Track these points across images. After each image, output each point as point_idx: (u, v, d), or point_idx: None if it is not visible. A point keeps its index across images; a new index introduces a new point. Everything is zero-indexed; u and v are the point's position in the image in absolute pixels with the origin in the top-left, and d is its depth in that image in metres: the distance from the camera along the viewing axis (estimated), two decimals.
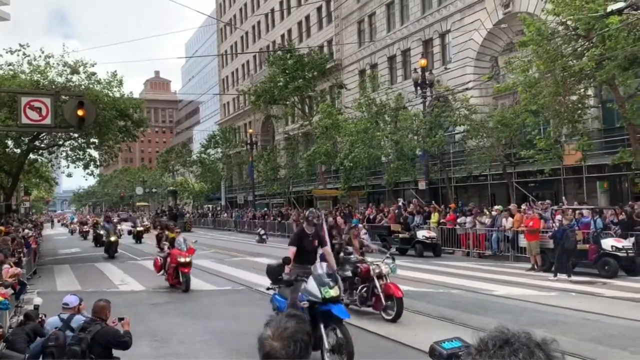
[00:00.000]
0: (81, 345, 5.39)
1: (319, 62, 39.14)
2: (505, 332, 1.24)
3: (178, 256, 13.35)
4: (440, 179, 28.30)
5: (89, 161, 27.38)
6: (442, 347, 1.86)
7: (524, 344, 1.19)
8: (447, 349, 1.84)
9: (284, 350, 1.76)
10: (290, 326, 1.80)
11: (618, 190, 22.88)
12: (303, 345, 1.79)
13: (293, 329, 1.79)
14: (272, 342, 1.78)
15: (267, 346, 1.78)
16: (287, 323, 1.81)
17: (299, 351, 1.77)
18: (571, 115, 18.21)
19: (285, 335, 1.78)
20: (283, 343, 1.76)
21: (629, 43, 15.03)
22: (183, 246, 13.67)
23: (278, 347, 1.76)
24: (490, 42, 29.67)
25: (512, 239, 18.13)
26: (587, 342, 7.60)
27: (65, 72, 23.99)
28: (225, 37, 71.00)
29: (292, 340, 1.77)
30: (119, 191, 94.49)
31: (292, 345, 1.76)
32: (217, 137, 55.42)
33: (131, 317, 6.36)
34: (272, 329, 1.80)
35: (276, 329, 1.80)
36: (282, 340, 1.77)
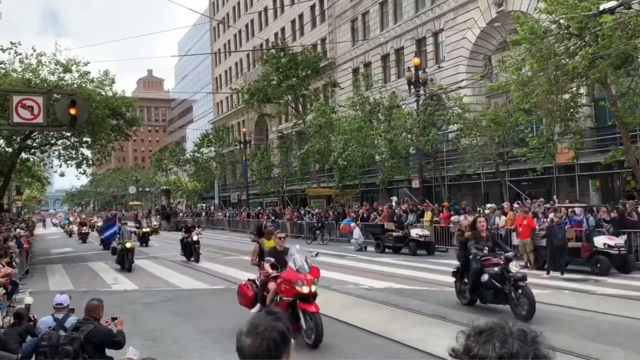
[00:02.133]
0: (74, 345, 5.35)
1: (313, 60, 39.10)
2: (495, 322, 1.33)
3: (296, 282, 7.75)
4: (433, 177, 28.37)
5: (81, 160, 27.21)
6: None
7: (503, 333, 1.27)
8: None
9: (253, 346, 1.78)
10: (262, 324, 1.82)
11: (610, 189, 23.02)
12: (272, 344, 1.78)
13: (264, 327, 1.80)
14: (244, 338, 1.80)
15: (240, 341, 1.81)
16: (260, 320, 1.84)
17: (267, 349, 1.78)
18: (564, 113, 18.29)
19: (256, 332, 1.80)
20: (253, 339, 1.79)
21: (622, 42, 15.11)
22: (304, 265, 8.03)
23: (248, 343, 1.79)
24: (484, 41, 29.75)
25: (505, 237, 18.17)
26: (580, 339, 7.64)
27: (57, 70, 23.84)
28: (218, 36, 70.80)
29: (261, 337, 1.78)
30: (111, 190, 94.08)
31: (260, 342, 1.78)
32: (210, 136, 55.28)
33: (124, 317, 6.33)
34: (247, 326, 1.83)
35: (250, 326, 1.83)
36: (252, 337, 1.79)
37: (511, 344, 1.24)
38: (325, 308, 10.26)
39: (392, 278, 14.04)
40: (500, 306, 9.59)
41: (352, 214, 27.37)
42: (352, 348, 7.81)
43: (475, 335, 1.29)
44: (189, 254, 19.96)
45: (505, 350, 1.24)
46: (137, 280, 15.60)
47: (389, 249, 21.21)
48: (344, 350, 7.72)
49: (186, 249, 20.19)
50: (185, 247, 20.28)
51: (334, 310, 10.12)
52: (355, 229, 23.77)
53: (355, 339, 8.31)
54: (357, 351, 7.66)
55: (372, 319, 9.37)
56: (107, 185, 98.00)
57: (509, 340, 1.25)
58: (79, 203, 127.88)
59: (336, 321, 9.41)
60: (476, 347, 1.27)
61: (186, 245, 20.18)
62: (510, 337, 1.26)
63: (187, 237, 20.22)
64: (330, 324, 9.29)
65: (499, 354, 1.23)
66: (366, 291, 12.28)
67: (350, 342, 8.15)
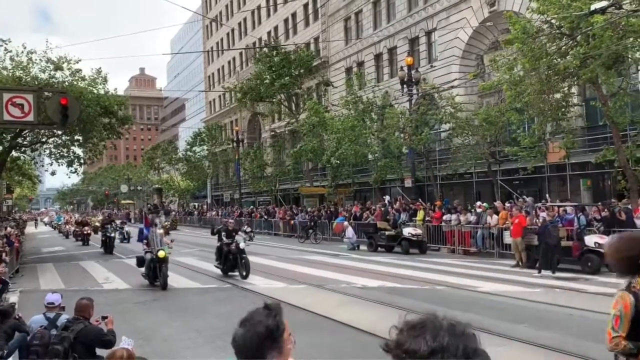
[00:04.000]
0: (64, 344, 5.31)
1: (306, 59, 39.07)
2: (426, 315, 1.36)
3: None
4: (426, 176, 28.43)
5: (72, 159, 27.03)
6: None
7: (434, 326, 1.30)
8: None
9: (240, 336, 1.86)
10: (255, 316, 1.90)
11: (601, 188, 23.16)
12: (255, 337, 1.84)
13: (255, 319, 1.89)
14: (238, 327, 1.89)
15: (235, 332, 1.90)
16: (254, 313, 1.92)
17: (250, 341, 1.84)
18: (555, 113, 18.38)
19: (250, 323, 1.87)
20: (243, 329, 1.87)
21: (613, 42, 15.20)
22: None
23: (239, 332, 1.87)
24: (476, 41, 29.84)
25: (497, 236, 18.26)
26: (570, 337, 7.68)
27: (48, 68, 23.67)
28: (211, 34, 70.56)
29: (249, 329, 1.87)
30: (103, 189, 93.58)
31: (246, 332, 1.86)
32: (203, 135, 55.11)
33: (115, 316, 6.29)
34: (244, 317, 1.91)
35: (245, 318, 1.91)
36: (243, 327, 1.88)
37: (442, 337, 1.26)
38: (318, 306, 10.28)
39: (384, 277, 14.06)
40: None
41: (344, 213, 27.39)
42: (344, 346, 7.81)
43: (408, 329, 1.31)
44: (230, 266, 14.82)
45: (437, 343, 1.26)
46: (129, 279, 15.51)
47: (382, 248, 21.24)
48: (336, 349, 7.72)
49: (227, 260, 14.82)
50: (225, 257, 14.88)
51: (327, 308, 10.12)
52: (348, 228, 23.78)
53: (348, 337, 8.31)
54: (349, 349, 7.66)
55: (365, 317, 9.38)
56: (99, 183, 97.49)
57: (440, 334, 1.27)
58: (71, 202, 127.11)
59: (328, 320, 9.41)
60: (408, 341, 1.28)
61: (227, 255, 14.79)
62: (441, 330, 1.28)
63: (228, 243, 14.83)
64: (323, 322, 9.30)
65: (430, 348, 1.25)
66: (359, 290, 12.28)
67: (342, 340, 8.15)
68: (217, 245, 15.56)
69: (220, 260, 15.16)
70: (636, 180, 16.99)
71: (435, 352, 1.25)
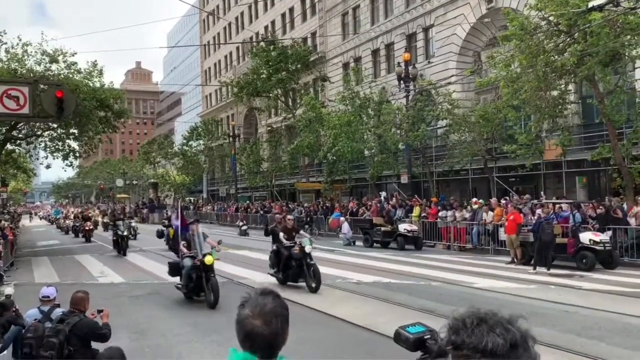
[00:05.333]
0: (59, 337, 5.30)
1: (303, 54, 38.99)
2: (478, 310, 1.27)
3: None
4: (422, 172, 28.45)
5: (68, 152, 26.91)
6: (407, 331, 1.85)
7: (498, 321, 1.22)
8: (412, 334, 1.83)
9: (266, 326, 1.76)
10: (268, 302, 1.80)
11: (597, 185, 23.24)
12: (284, 319, 1.81)
13: (272, 304, 1.80)
14: (252, 321, 1.76)
15: (248, 325, 1.76)
16: (264, 300, 1.81)
17: (281, 325, 1.79)
18: (552, 110, 18.39)
19: (266, 312, 1.78)
20: (264, 319, 1.76)
21: (610, 39, 15.21)
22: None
23: (259, 324, 1.76)
24: (473, 37, 29.84)
25: (493, 233, 18.31)
26: (565, 334, 7.71)
27: (44, 60, 23.53)
28: (208, 28, 70.33)
29: (273, 315, 1.78)
30: (99, 183, 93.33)
31: (274, 319, 1.77)
32: (199, 129, 54.97)
33: (111, 310, 6.27)
34: (250, 308, 1.79)
35: (254, 307, 1.79)
36: (262, 317, 1.76)
37: (512, 331, 1.20)
38: (313, 301, 10.29)
39: (380, 272, 14.07)
40: None
41: (340, 208, 27.39)
42: (339, 341, 7.82)
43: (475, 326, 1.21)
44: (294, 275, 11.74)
45: (511, 336, 1.19)
46: (124, 273, 15.50)
47: (377, 244, 21.27)
48: (331, 344, 7.74)
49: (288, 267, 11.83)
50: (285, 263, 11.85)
51: (322, 303, 10.14)
52: (344, 224, 23.80)
53: (342, 332, 8.32)
54: (343, 344, 7.68)
55: (360, 312, 9.39)
56: (95, 177, 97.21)
57: (509, 328, 1.20)
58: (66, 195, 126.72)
59: (324, 314, 9.42)
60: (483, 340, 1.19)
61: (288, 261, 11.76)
62: (505, 324, 1.21)
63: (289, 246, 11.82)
64: (318, 317, 9.31)
65: (509, 342, 1.18)
66: (354, 285, 12.31)
67: (337, 335, 8.16)
68: (272, 248, 12.49)
69: (278, 268, 12.12)
70: (631, 178, 17.04)
71: (513, 346, 1.18)
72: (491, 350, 1.16)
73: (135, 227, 28.02)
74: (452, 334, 1.23)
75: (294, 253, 11.56)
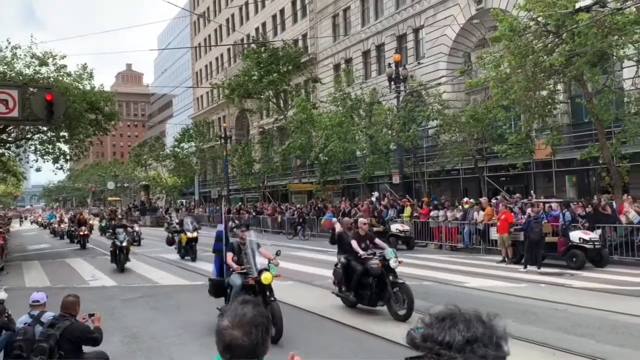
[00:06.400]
0: (49, 342, 5.28)
1: (294, 55, 39.02)
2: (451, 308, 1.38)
3: None
4: (413, 173, 28.55)
5: (58, 155, 26.72)
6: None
7: (464, 318, 1.33)
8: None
9: (245, 337, 1.72)
10: (248, 312, 1.77)
11: (586, 184, 23.42)
12: (264, 328, 1.77)
13: (251, 314, 1.77)
14: (232, 332, 1.74)
15: (227, 336, 1.74)
16: (244, 309, 1.78)
17: (261, 335, 1.75)
18: (541, 110, 18.52)
19: (245, 322, 1.74)
20: (244, 330, 1.73)
21: (597, 40, 15.35)
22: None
23: (239, 335, 1.73)
24: (463, 38, 29.99)
25: (484, 232, 18.41)
26: (555, 332, 7.79)
27: (33, 63, 23.40)
28: (198, 30, 70.20)
29: (252, 325, 1.74)
30: (90, 186, 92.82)
31: (254, 330, 1.74)
32: (190, 131, 54.83)
33: (102, 313, 6.26)
34: (230, 318, 1.76)
35: (234, 318, 1.76)
36: (242, 328, 1.73)
37: (475, 327, 1.30)
38: (306, 303, 10.30)
39: None
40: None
41: (333, 209, 27.42)
42: (330, 341, 7.85)
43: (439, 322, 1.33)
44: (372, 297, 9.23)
45: (471, 333, 1.29)
46: (116, 276, 15.44)
47: None
48: (323, 344, 7.76)
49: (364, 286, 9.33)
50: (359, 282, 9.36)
51: (314, 304, 10.15)
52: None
53: (334, 332, 8.35)
54: (335, 344, 7.70)
55: (351, 312, 9.43)
56: (86, 180, 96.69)
57: (472, 324, 1.31)
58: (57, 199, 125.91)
59: (316, 315, 9.44)
60: (441, 333, 1.31)
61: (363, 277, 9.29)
62: (472, 321, 1.32)
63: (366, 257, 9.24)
64: (310, 317, 9.33)
65: (465, 338, 1.28)
66: None
67: (329, 335, 8.19)
68: (340, 260, 9.80)
69: (348, 286, 9.54)
70: (620, 176, 17.20)
71: (470, 342, 1.28)
72: (448, 343, 1.28)
73: (139, 232, 26.59)
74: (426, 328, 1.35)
75: (373, 268, 8.98)
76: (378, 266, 8.95)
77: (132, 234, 23.70)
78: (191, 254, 18.38)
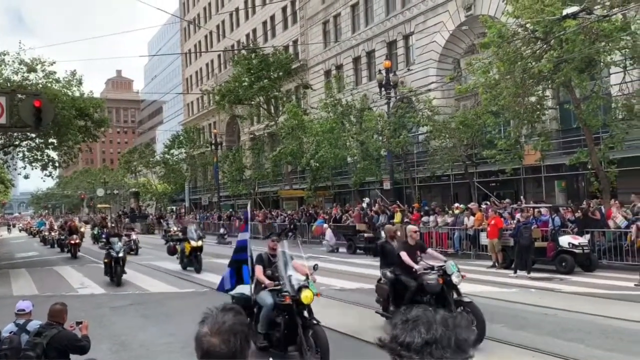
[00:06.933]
0: (36, 351, 5.21)
1: (284, 62, 39.06)
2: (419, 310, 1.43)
3: None
4: (404, 179, 28.62)
5: (47, 162, 26.48)
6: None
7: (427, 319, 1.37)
8: None
9: (224, 344, 1.70)
10: (227, 320, 1.75)
11: (575, 189, 23.60)
12: (243, 336, 1.75)
13: (231, 322, 1.75)
14: (210, 339, 1.71)
15: (206, 343, 1.71)
16: (224, 317, 1.76)
17: (240, 343, 1.73)
18: (530, 116, 18.67)
19: (224, 330, 1.72)
20: (222, 338, 1.71)
21: (585, 46, 15.51)
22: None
23: (217, 342, 1.70)
24: (453, 44, 30.19)
25: (474, 237, 18.46)
26: (545, 336, 7.81)
27: (21, 70, 23.24)
28: (189, 36, 70.12)
29: (231, 333, 1.72)
30: (79, 193, 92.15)
31: (232, 338, 1.72)
32: (180, 138, 54.64)
33: (91, 321, 6.19)
34: (209, 325, 1.74)
35: (213, 325, 1.74)
36: (220, 335, 1.71)
37: (435, 329, 1.34)
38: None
39: (363, 279, 14.08)
40: None
41: (324, 215, 27.41)
42: None
43: (403, 323, 1.38)
44: None
45: (430, 335, 1.33)
46: (105, 284, 15.30)
47: (361, 250, 21.30)
48: None
49: None
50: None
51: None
52: (327, 231, 23.80)
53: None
54: None
55: (343, 319, 9.40)
56: (75, 187, 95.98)
57: (433, 326, 1.34)
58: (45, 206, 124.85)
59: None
60: (403, 334, 1.36)
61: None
62: (434, 323, 1.35)
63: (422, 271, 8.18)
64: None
65: (424, 340, 1.32)
66: (337, 292, 12.31)
67: None
68: (387, 274, 8.48)
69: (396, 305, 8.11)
70: (608, 181, 17.33)
71: (428, 343, 1.32)
72: (407, 344, 1.33)
73: (137, 241, 25.06)
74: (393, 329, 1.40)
75: (432, 284, 7.66)
76: (438, 282, 7.65)
77: (129, 243, 22.48)
78: (196, 264, 16.90)
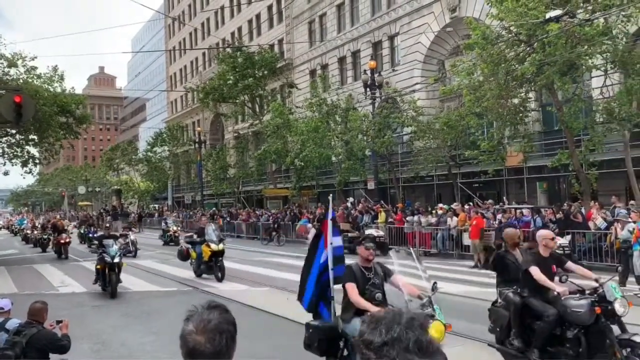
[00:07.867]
0: (15, 350, 5.13)
1: (270, 60, 38.95)
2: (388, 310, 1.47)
3: None
4: (388, 179, 28.74)
5: (27, 159, 26.07)
6: None
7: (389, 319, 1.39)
8: None
9: (209, 343, 1.69)
10: (213, 318, 1.73)
11: (557, 191, 23.91)
12: (229, 336, 1.74)
13: (217, 320, 1.73)
14: (195, 337, 1.70)
15: (191, 341, 1.70)
16: (209, 315, 1.74)
17: (226, 342, 1.72)
18: (513, 117, 18.86)
19: (210, 328, 1.70)
20: (208, 336, 1.69)
21: (567, 49, 15.71)
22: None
23: (203, 341, 1.69)
24: (437, 46, 30.38)
25: (457, 238, 18.61)
26: None
27: (1, 65, 22.89)
28: (173, 33, 69.59)
29: (217, 332, 1.71)
30: (60, 190, 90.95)
31: (218, 337, 1.70)
32: (164, 135, 54.22)
33: (71, 320, 6.11)
34: (195, 323, 1.72)
35: (199, 323, 1.72)
36: (206, 334, 1.69)
37: (395, 329, 1.35)
38: (281, 309, 10.25)
39: None
40: None
41: (308, 215, 27.40)
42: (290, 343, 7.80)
43: (369, 322, 1.42)
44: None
45: (389, 336, 1.34)
46: (86, 282, 15.10)
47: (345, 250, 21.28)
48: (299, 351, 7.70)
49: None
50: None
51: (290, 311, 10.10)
52: (312, 230, 23.76)
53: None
54: None
55: None
56: (56, 184, 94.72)
57: (394, 327, 1.36)
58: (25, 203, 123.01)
59: (292, 322, 9.38)
60: (367, 332, 1.39)
61: None
62: (396, 323, 1.37)
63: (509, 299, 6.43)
64: (286, 325, 9.27)
65: (382, 339, 1.35)
66: None
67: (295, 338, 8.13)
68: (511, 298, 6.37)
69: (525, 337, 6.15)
70: (589, 183, 17.58)
71: (386, 343, 1.33)
72: (368, 343, 1.35)
73: (135, 242, 22.33)
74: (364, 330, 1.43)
75: (581, 315, 5.57)
76: (592, 311, 5.46)
77: (127, 245, 20.30)
78: (217, 271, 14.40)
